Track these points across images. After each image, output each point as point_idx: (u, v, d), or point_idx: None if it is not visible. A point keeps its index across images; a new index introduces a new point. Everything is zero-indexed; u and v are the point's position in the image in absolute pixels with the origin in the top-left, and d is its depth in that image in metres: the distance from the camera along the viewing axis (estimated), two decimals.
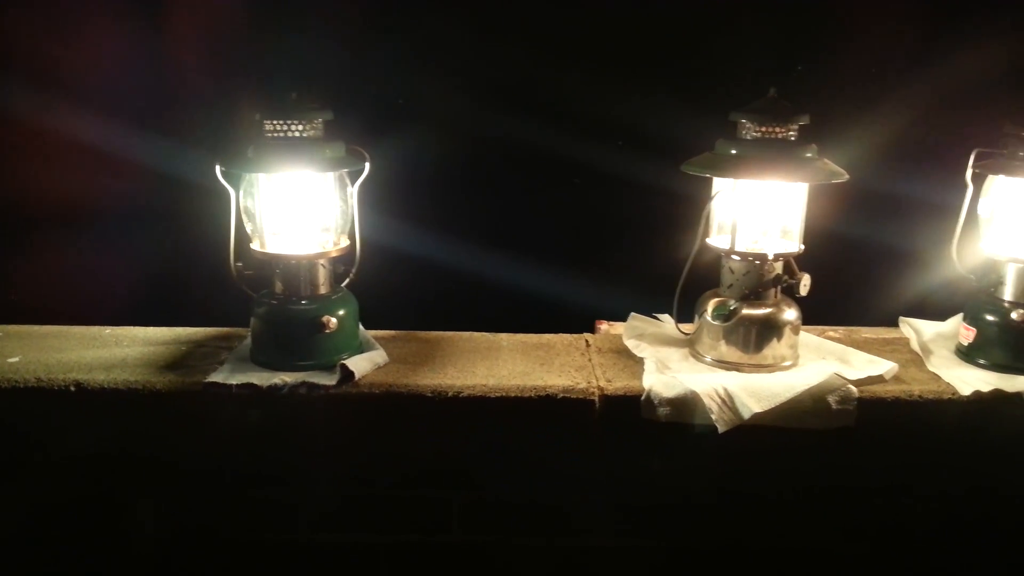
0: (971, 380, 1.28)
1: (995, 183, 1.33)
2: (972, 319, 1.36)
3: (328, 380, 1.24)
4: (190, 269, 1.58)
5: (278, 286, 1.29)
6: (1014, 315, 1.30)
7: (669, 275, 1.31)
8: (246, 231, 1.29)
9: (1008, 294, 1.33)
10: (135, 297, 1.64)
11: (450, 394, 1.24)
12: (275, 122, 1.22)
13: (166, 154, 1.57)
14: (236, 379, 1.24)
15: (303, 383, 1.23)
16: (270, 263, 1.29)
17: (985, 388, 1.25)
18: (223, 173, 1.24)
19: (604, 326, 1.63)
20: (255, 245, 1.29)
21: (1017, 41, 1.52)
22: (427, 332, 1.45)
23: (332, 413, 1.24)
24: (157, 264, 1.67)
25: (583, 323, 1.56)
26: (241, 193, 1.27)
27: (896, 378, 1.30)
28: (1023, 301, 1.32)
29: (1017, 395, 1.25)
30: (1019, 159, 1.28)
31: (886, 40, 1.56)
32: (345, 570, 1.31)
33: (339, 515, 1.30)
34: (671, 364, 1.33)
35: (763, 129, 1.24)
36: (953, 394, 1.26)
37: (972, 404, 1.25)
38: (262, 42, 1.58)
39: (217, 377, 1.25)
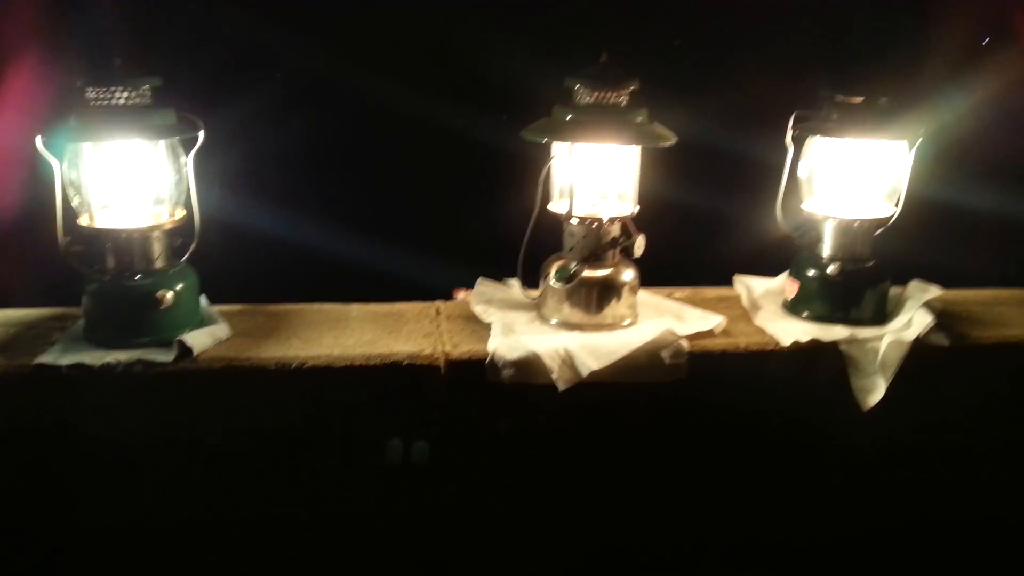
0: (792, 331, 1.36)
1: (812, 144, 1.42)
2: (796, 274, 1.46)
3: (165, 357, 1.21)
4: (17, 247, 1.50)
5: (110, 261, 1.25)
6: (830, 269, 1.40)
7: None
8: (72, 205, 1.24)
9: (826, 250, 1.43)
10: None
11: (293, 365, 1.24)
12: (98, 89, 1.18)
13: None
14: (67, 359, 1.20)
15: (138, 361, 1.20)
16: (100, 238, 1.24)
17: (804, 338, 1.34)
18: (44, 144, 1.18)
19: (461, 294, 1.66)
20: (83, 220, 1.24)
21: (830, 12, 1.63)
22: (274, 305, 1.43)
23: (171, 390, 1.22)
24: None
25: (444, 293, 1.57)
26: (65, 165, 1.21)
27: (725, 332, 1.37)
28: (839, 256, 1.42)
29: (833, 344, 1.35)
30: (833, 120, 1.37)
31: (710, 13, 1.63)
32: (193, 549, 1.29)
33: (183, 493, 1.27)
34: (517, 328, 1.36)
35: (596, 94, 1.28)
36: (776, 345, 1.35)
37: (792, 353, 1.34)
38: (85, 2, 1.51)
39: (46, 358, 1.20)
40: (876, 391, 1.32)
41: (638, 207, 1.36)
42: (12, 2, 1.51)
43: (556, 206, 1.37)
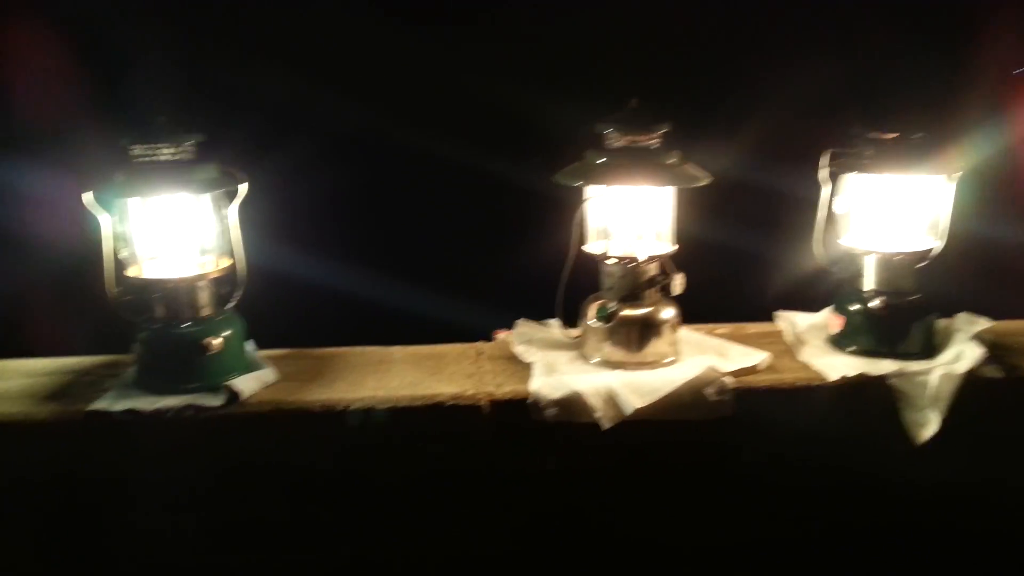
0: (838, 366, 1.34)
1: (847, 181, 1.41)
2: (839, 309, 1.44)
3: (214, 401, 1.23)
4: (71, 299, 1.55)
5: (159, 310, 1.28)
6: (874, 303, 1.39)
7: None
8: (121, 256, 1.28)
9: (868, 284, 1.42)
10: (16, 329, 1.60)
11: (339, 408, 1.25)
12: (143, 146, 1.22)
13: (32, 179, 1.55)
14: (120, 405, 1.23)
15: (189, 406, 1.23)
16: (149, 288, 1.28)
17: (851, 373, 1.32)
18: (94, 199, 1.23)
19: (502, 335, 1.67)
20: (132, 271, 1.28)
21: (858, 51, 1.65)
22: (319, 349, 1.46)
23: (221, 434, 1.24)
24: (40, 293, 1.64)
25: (483, 335, 1.58)
26: (114, 219, 1.26)
27: (770, 368, 1.36)
28: (882, 289, 1.40)
29: (881, 378, 1.33)
30: (867, 158, 1.37)
31: (742, 53, 1.66)
32: None
33: (233, 535, 1.28)
34: (559, 367, 1.36)
35: (627, 138, 1.30)
36: (822, 380, 1.33)
37: (840, 389, 1.32)
38: (130, 62, 1.58)
39: (100, 405, 1.23)
40: (930, 425, 1.29)
41: (676, 246, 1.37)
42: (62, 64, 1.59)
43: (593, 247, 1.38)
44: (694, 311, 1.44)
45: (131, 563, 1.28)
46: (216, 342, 1.26)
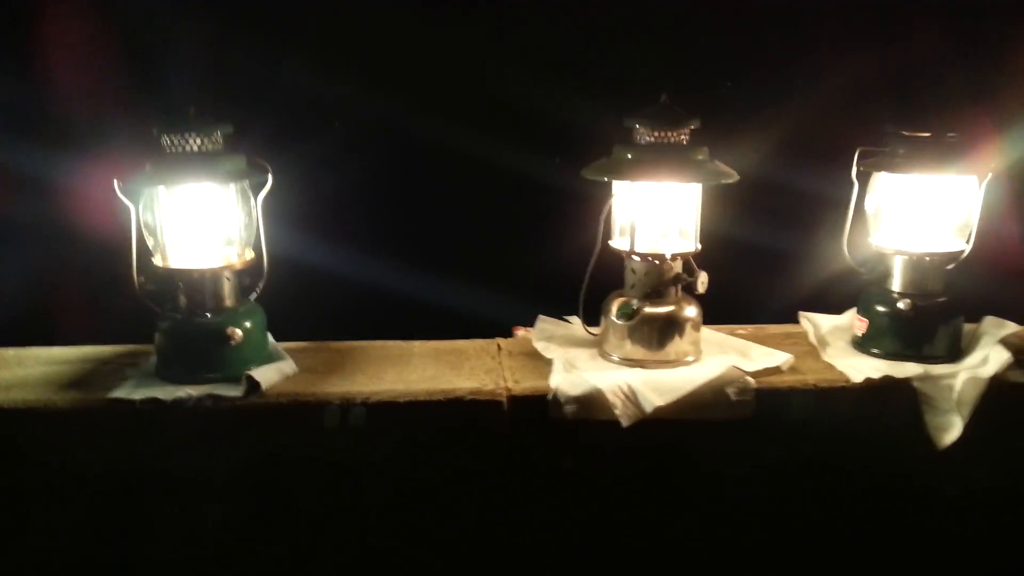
0: (863, 368, 1.33)
1: (879, 180, 1.39)
2: (864, 310, 1.42)
3: (234, 391, 1.24)
4: (95, 286, 1.56)
5: (182, 300, 1.29)
6: (901, 305, 1.37)
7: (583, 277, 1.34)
8: (147, 246, 1.28)
9: (896, 285, 1.40)
10: (38, 318, 1.61)
11: (358, 400, 1.25)
12: (173, 136, 1.23)
13: (62, 168, 1.56)
14: (140, 394, 1.23)
15: (209, 395, 1.23)
16: (173, 277, 1.28)
17: (875, 375, 1.31)
18: (121, 188, 1.23)
19: (521, 332, 1.66)
20: (157, 260, 1.28)
21: (891, 48, 1.62)
22: (339, 342, 1.46)
23: (240, 424, 1.24)
24: (61, 283, 1.65)
25: (504, 330, 1.58)
26: (141, 208, 1.26)
27: (793, 369, 1.34)
28: (910, 291, 1.38)
29: (906, 381, 1.31)
30: (899, 156, 1.35)
31: (771, 49, 1.63)
32: None
33: (251, 526, 1.29)
34: (579, 364, 1.35)
35: (656, 134, 1.29)
36: (846, 382, 1.31)
37: (864, 391, 1.30)
38: (160, 54, 1.58)
39: (120, 393, 1.24)
40: (953, 429, 1.27)
41: (700, 244, 1.35)
42: (92, 57, 1.60)
43: (617, 243, 1.37)
44: (716, 311, 1.43)
45: (151, 552, 1.28)
46: (238, 332, 1.26)
